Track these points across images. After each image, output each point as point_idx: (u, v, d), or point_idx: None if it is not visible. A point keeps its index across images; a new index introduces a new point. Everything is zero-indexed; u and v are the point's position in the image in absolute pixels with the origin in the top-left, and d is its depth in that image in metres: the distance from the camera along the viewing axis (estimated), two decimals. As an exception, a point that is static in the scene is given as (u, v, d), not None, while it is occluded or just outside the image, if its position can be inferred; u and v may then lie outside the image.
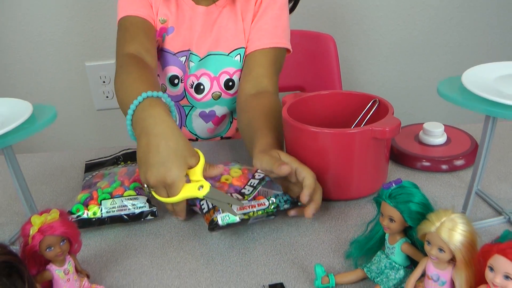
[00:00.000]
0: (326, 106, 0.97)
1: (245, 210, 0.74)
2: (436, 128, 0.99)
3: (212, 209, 0.74)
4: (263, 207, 0.75)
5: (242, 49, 1.13)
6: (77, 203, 0.83)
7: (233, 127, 1.24)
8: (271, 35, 1.10)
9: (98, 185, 0.86)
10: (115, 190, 0.84)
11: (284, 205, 0.76)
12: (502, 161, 0.95)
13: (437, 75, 2.08)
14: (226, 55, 1.13)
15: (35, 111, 0.75)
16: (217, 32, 1.13)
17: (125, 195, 0.83)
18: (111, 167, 0.95)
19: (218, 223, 0.72)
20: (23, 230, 0.62)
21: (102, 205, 0.81)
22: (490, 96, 0.67)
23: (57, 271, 0.63)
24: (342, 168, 0.83)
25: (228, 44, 1.13)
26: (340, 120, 0.95)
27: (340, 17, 1.97)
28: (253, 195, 0.77)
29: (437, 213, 0.55)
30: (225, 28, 1.12)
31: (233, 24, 1.12)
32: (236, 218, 0.72)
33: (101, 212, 0.80)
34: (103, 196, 0.82)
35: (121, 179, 0.86)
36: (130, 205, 0.81)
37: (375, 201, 0.64)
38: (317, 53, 1.59)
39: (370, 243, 0.66)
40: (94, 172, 0.95)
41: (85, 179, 0.94)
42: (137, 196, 0.82)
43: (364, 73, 2.06)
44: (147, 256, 0.75)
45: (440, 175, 0.92)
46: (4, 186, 1.01)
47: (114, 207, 0.81)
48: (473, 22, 2.00)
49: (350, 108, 0.95)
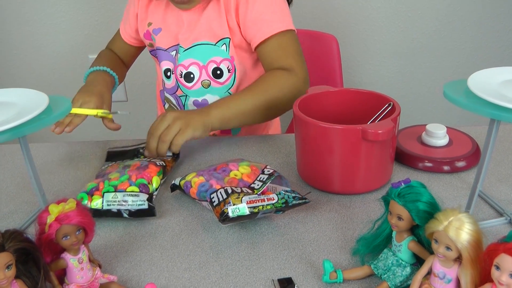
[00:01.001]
0: (339, 103, 0.99)
1: (255, 204, 0.75)
2: (439, 129, 1.01)
3: (223, 202, 0.76)
4: (272, 201, 0.76)
5: (227, 39, 1.17)
6: (84, 191, 0.84)
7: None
8: (270, 22, 1.12)
9: (109, 176, 0.88)
10: (121, 184, 0.85)
11: (293, 201, 0.78)
12: (502, 163, 0.97)
13: (437, 76, 2.10)
14: (213, 44, 1.17)
15: (51, 102, 0.77)
16: (203, 23, 1.17)
17: (128, 190, 0.84)
18: (128, 160, 0.97)
19: (229, 215, 0.74)
20: (39, 218, 0.64)
21: (104, 197, 0.83)
22: (495, 100, 0.69)
23: (71, 260, 0.64)
24: (349, 163, 0.86)
25: (213, 34, 1.17)
26: (353, 117, 0.97)
27: (342, 17, 1.99)
28: (262, 189, 0.79)
29: (445, 212, 0.57)
30: (210, 19, 1.16)
31: (218, 16, 1.16)
32: (245, 210, 0.74)
33: (102, 204, 0.82)
34: (107, 189, 0.84)
35: (131, 173, 0.88)
36: (130, 201, 0.82)
37: (383, 199, 0.66)
38: (320, 52, 1.61)
39: (377, 240, 0.68)
40: (113, 162, 0.98)
41: (102, 167, 0.96)
42: (138, 193, 0.83)
43: (364, 73, 2.08)
44: (157, 248, 0.76)
45: (442, 175, 0.94)
46: (12, 175, 1.02)
47: (115, 200, 0.83)
48: (473, 25, 2.02)
49: (363, 106, 0.97)
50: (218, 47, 1.17)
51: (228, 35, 1.16)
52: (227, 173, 0.84)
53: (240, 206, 0.74)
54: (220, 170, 0.85)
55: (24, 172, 1.02)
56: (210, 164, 0.97)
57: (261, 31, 1.11)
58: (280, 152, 1.05)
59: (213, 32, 1.16)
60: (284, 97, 1.08)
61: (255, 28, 1.12)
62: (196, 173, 0.86)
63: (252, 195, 0.77)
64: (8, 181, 1.00)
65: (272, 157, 1.03)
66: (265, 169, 0.84)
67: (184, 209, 0.87)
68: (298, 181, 0.93)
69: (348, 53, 2.01)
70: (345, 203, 0.86)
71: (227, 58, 1.18)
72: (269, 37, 1.11)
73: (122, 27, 1.33)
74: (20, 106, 0.77)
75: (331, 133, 0.83)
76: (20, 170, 1.04)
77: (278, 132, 1.43)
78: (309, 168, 0.91)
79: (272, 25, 1.11)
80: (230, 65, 1.18)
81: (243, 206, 0.74)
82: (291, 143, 1.08)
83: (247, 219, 0.77)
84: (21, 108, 0.76)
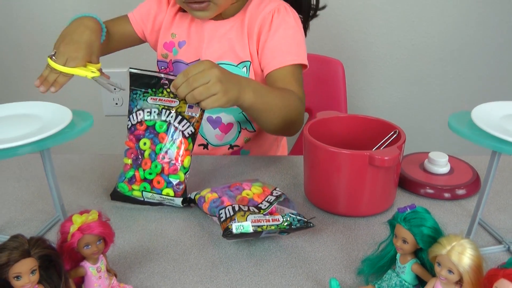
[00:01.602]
0: (346, 128, 1.04)
1: (259, 223, 0.79)
2: (441, 158, 1.05)
3: (229, 218, 0.80)
4: (276, 222, 0.80)
5: (248, 62, 1.20)
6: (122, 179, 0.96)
7: (241, 136, 1.29)
8: (285, 53, 1.16)
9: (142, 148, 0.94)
10: (156, 178, 0.94)
11: (297, 224, 0.81)
12: (501, 193, 1.01)
13: (440, 104, 2.14)
14: (235, 65, 1.21)
15: (73, 116, 0.80)
16: (226, 44, 1.21)
17: (164, 194, 0.93)
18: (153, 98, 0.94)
19: (232, 231, 0.77)
20: (62, 227, 0.67)
21: (143, 194, 0.95)
22: (497, 133, 0.73)
23: (90, 268, 0.68)
24: (355, 187, 0.90)
25: (236, 56, 1.20)
26: (359, 142, 1.01)
27: (347, 43, 2.04)
28: (268, 210, 0.83)
29: (448, 237, 0.61)
30: (233, 41, 1.20)
31: (240, 39, 1.20)
32: (249, 228, 0.78)
33: (142, 197, 0.95)
34: (144, 185, 0.94)
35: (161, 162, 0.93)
36: (167, 201, 0.95)
37: (389, 223, 0.69)
38: (326, 77, 1.65)
39: (382, 261, 0.72)
40: (138, 88, 0.95)
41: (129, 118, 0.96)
42: (173, 198, 0.93)
43: (367, 98, 2.13)
44: (169, 261, 0.80)
45: (442, 202, 0.98)
46: (27, 184, 1.05)
47: (153, 197, 0.95)
48: (477, 55, 2.07)
49: (369, 132, 1.01)
50: (240, 69, 1.20)
51: (249, 58, 1.20)
52: (240, 191, 0.87)
53: (245, 224, 0.78)
54: (233, 188, 0.89)
55: (39, 181, 1.06)
56: (220, 180, 1.01)
57: (276, 59, 1.15)
58: (288, 174, 1.08)
59: (235, 53, 1.20)
60: (296, 117, 1.11)
61: (270, 56, 1.16)
62: (211, 189, 0.91)
63: (258, 214, 0.80)
64: (23, 190, 1.03)
65: (280, 178, 1.06)
66: (273, 191, 0.88)
67: (195, 224, 0.90)
68: (305, 202, 0.97)
69: (352, 78, 2.06)
70: (350, 225, 0.90)
71: None
72: (283, 66, 1.15)
73: (132, 15, 1.28)
74: (44, 119, 0.81)
75: (339, 158, 0.87)
76: (35, 179, 1.07)
77: (285, 153, 1.47)
78: (316, 190, 0.95)
79: (287, 56, 1.15)
80: None
81: (247, 224, 0.78)
82: (298, 165, 1.12)
83: (251, 237, 0.80)
84: (45, 121, 0.80)
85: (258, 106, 1.00)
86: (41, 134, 0.74)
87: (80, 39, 1.00)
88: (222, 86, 0.89)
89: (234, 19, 1.22)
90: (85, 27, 1.04)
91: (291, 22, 1.19)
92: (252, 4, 1.22)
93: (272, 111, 1.04)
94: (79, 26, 1.04)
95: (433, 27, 2.01)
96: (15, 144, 0.71)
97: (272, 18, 1.18)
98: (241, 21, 1.21)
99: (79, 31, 1.02)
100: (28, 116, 0.82)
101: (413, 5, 1.97)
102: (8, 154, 0.71)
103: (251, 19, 1.20)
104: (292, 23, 1.19)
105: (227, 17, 1.22)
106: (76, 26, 1.04)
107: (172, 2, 1.27)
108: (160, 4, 1.27)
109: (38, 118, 0.81)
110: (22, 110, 0.84)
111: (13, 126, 0.79)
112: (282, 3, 1.21)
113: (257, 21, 1.18)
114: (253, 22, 1.19)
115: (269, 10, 1.18)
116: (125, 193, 0.96)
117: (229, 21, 1.22)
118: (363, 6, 1.97)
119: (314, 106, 1.66)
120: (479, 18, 2.00)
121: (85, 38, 1.01)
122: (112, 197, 0.97)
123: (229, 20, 1.22)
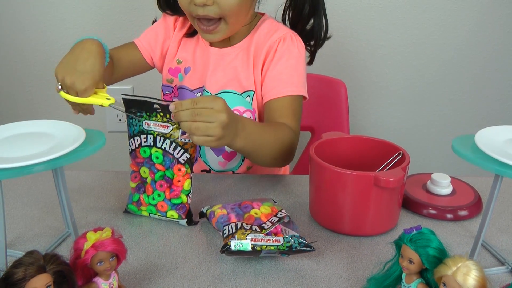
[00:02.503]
0: (351, 149, 1.06)
1: (258, 242, 0.81)
2: (443, 179, 1.07)
3: (231, 235, 0.82)
4: (277, 243, 0.81)
5: (252, 92, 1.21)
6: (130, 201, 1.00)
7: (244, 164, 1.29)
8: (286, 83, 1.17)
9: (142, 174, 0.97)
10: (159, 203, 0.96)
11: (297, 247, 0.82)
12: (503, 214, 1.03)
13: (442, 125, 2.16)
14: (239, 94, 1.22)
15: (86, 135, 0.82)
16: (231, 72, 1.22)
17: (169, 216, 0.97)
18: (148, 122, 0.94)
19: (230, 248, 0.79)
20: (76, 244, 0.68)
21: (151, 216, 0.99)
22: (500, 157, 0.75)
23: (103, 284, 0.69)
24: (359, 207, 0.92)
25: (240, 85, 1.21)
26: (363, 163, 1.03)
27: (349, 63, 2.06)
28: (269, 230, 0.85)
29: (453, 258, 0.63)
30: (238, 69, 1.21)
31: (246, 68, 1.21)
32: (248, 246, 0.80)
33: (150, 217, 1.00)
34: (150, 208, 0.98)
35: (160, 189, 0.95)
36: (173, 221, 0.98)
37: (396, 243, 0.71)
38: (329, 97, 1.67)
39: (387, 281, 0.73)
40: (133, 112, 0.94)
41: (129, 143, 0.97)
42: (178, 220, 0.97)
43: (370, 118, 2.15)
44: (178, 277, 0.81)
45: (445, 223, 0.99)
46: (36, 200, 1.07)
47: (160, 219, 0.99)
48: (478, 77, 2.10)
49: (374, 153, 1.04)
50: (243, 98, 1.21)
51: (253, 88, 1.21)
52: (249, 210, 0.89)
53: (244, 242, 0.80)
54: (243, 206, 0.91)
55: (47, 198, 1.07)
56: (232, 197, 1.05)
57: (275, 89, 1.16)
58: (293, 193, 1.10)
59: (239, 82, 1.21)
60: (288, 151, 1.11)
61: (271, 85, 1.18)
62: (222, 205, 0.93)
63: (259, 234, 0.82)
64: (32, 206, 1.05)
65: (285, 197, 1.08)
66: (278, 213, 0.90)
67: (204, 241, 0.92)
68: (310, 221, 0.99)
69: (354, 98, 2.08)
70: (355, 244, 0.91)
71: (250, 109, 1.22)
72: (282, 97, 1.16)
73: (139, 42, 1.29)
74: (57, 138, 0.82)
75: (345, 178, 0.89)
76: (44, 195, 1.09)
77: (287, 172, 1.48)
78: (321, 209, 0.97)
79: (287, 87, 1.16)
80: (252, 117, 1.22)
81: (247, 242, 0.80)
82: (303, 184, 1.13)
83: (250, 255, 0.82)
84: (59, 140, 0.81)
85: (247, 149, 1.01)
86: (56, 153, 0.76)
87: (84, 68, 0.96)
88: (221, 132, 0.88)
89: (240, 46, 1.23)
90: (88, 52, 0.99)
91: (295, 52, 1.19)
92: (260, 31, 1.22)
93: (263, 150, 1.05)
94: (81, 52, 0.99)
95: (435, 48, 2.04)
96: (30, 162, 0.73)
97: (277, 47, 1.19)
98: (247, 49, 1.22)
99: (82, 58, 0.98)
100: (41, 135, 0.84)
101: (415, 28, 2.00)
102: (23, 172, 0.73)
103: (258, 47, 1.21)
104: (295, 53, 1.19)
105: (234, 43, 1.23)
106: (79, 53, 0.99)
107: (178, 27, 1.28)
108: (167, 29, 1.29)
109: (51, 137, 0.83)
110: (36, 128, 0.86)
111: (28, 144, 0.80)
112: (289, 32, 1.21)
113: (264, 50, 1.19)
114: (259, 50, 1.20)
115: (276, 39, 1.19)
116: (136, 212, 1.00)
117: (234, 49, 1.23)
118: (365, 26, 2.00)
119: (316, 126, 1.69)
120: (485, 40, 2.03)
121: (88, 67, 0.97)
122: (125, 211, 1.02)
123: (234, 48, 1.23)
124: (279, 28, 1.23)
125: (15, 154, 0.76)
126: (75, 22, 2.01)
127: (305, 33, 1.25)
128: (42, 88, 2.12)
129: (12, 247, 0.89)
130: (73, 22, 2.01)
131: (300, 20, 1.24)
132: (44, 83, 2.11)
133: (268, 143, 1.05)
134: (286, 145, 1.09)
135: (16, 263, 0.60)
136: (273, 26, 1.24)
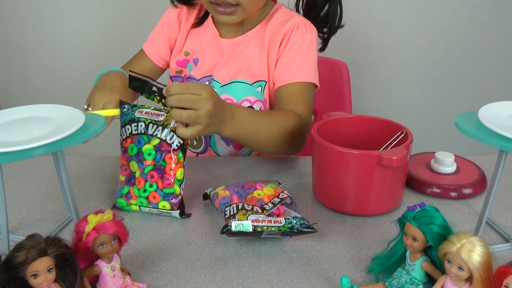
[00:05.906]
0: (354, 128, 1.05)
1: (259, 223, 0.80)
2: (447, 157, 1.06)
3: (232, 216, 0.82)
4: (278, 224, 0.81)
5: (264, 82, 1.20)
6: (119, 195, 0.95)
7: (254, 153, 1.29)
8: (297, 70, 1.16)
9: (131, 166, 0.94)
10: (151, 194, 0.92)
11: (299, 228, 0.81)
12: (507, 192, 1.02)
13: (445, 104, 2.16)
14: (250, 84, 1.21)
15: (86, 119, 0.81)
16: (243, 62, 1.21)
17: (160, 207, 0.92)
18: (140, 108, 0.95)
19: (231, 229, 0.79)
20: (77, 227, 0.68)
21: (141, 209, 0.94)
22: (504, 132, 0.74)
23: (105, 267, 0.69)
24: (363, 186, 0.91)
25: (252, 75, 1.20)
26: (366, 142, 1.02)
27: (351, 45, 2.05)
28: (270, 211, 0.84)
29: (458, 235, 0.62)
30: (251, 59, 1.20)
31: (259, 57, 1.20)
32: (248, 227, 0.79)
33: (140, 211, 0.95)
34: (140, 200, 0.93)
35: (151, 179, 0.92)
36: (165, 214, 0.93)
37: (399, 221, 0.70)
38: (331, 78, 1.66)
39: (392, 259, 0.73)
40: (135, 89, 0.93)
41: (121, 133, 0.97)
42: (170, 211, 0.92)
43: (372, 99, 2.14)
44: (181, 260, 0.81)
45: (449, 201, 0.99)
46: (37, 186, 1.06)
47: (151, 212, 0.94)
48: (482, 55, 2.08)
49: (377, 132, 1.03)
50: (254, 88, 1.20)
51: (265, 78, 1.20)
52: (251, 191, 0.89)
53: (245, 222, 0.79)
54: (246, 187, 0.90)
55: (49, 183, 1.07)
56: (236, 179, 1.05)
57: (287, 75, 1.16)
58: (296, 174, 1.10)
59: (251, 72, 1.20)
60: (295, 138, 1.10)
61: (282, 71, 1.17)
62: (225, 187, 0.93)
63: (260, 214, 0.82)
64: (34, 192, 1.04)
65: (288, 178, 1.08)
66: (280, 194, 0.89)
67: (207, 223, 0.92)
68: (313, 202, 0.98)
69: (357, 79, 2.07)
70: (359, 224, 0.91)
71: (260, 99, 1.21)
72: (293, 83, 1.16)
73: (147, 48, 1.31)
74: (57, 121, 0.82)
75: (347, 158, 0.88)
76: (45, 180, 1.08)
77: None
78: (324, 190, 0.96)
79: (298, 73, 1.16)
80: (263, 107, 1.21)
81: (247, 223, 0.80)
82: (306, 165, 1.13)
83: (251, 236, 0.82)
84: (59, 123, 0.81)
85: (238, 136, 1.00)
86: (55, 136, 0.75)
87: (113, 84, 1.08)
88: (208, 121, 0.88)
89: (253, 35, 1.21)
90: (114, 76, 1.12)
91: (308, 40, 1.19)
92: (274, 20, 1.21)
93: (258, 137, 1.04)
94: (109, 76, 1.12)
95: (437, 28, 2.02)
96: (30, 146, 0.72)
97: (291, 34, 1.18)
98: (261, 38, 1.21)
99: (111, 79, 1.11)
100: (41, 119, 0.83)
101: (416, 7, 1.98)
102: (23, 156, 0.72)
103: (272, 36, 1.20)
104: (308, 41, 1.19)
105: (246, 31, 1.22)
106: (106, 77, 1.12)
107: (184, 19, 1.27)
108: (172, 24, 1.28)
109: (51, 121, 0.82)
110: (36, 112, 0.85)
111: (27, 128, 0.80)
112: (302, 20, 1.20)
113: (278, 39, 1.19)
114: (274, 39, 1.19)
115: (289, 26, 1.18)
116: (124, 208, 0.95)
117: (246, 37, 1.21)
118: (366, 8, 1.99)
119: (319, 107, 1.67)
120: (484, 18, 2.01)
121: (117, 83, 1.09)
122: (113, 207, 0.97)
123: (246, 36, 1.21)
124: (293, 16, 1.22)
125: (15, 138, 0.75)
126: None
127: (319, 20, 1.24)
128: (43, 74, 2.11)
129: (14, 233, 0.89)
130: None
131: (315, 6, 1.23)
132: (45, 70, 2.10)
133: (264, 130, 1.04)
134: (289, 131, 1.07)
135: (17, 246, 0.59)
136: (286, 14, 1.23)
